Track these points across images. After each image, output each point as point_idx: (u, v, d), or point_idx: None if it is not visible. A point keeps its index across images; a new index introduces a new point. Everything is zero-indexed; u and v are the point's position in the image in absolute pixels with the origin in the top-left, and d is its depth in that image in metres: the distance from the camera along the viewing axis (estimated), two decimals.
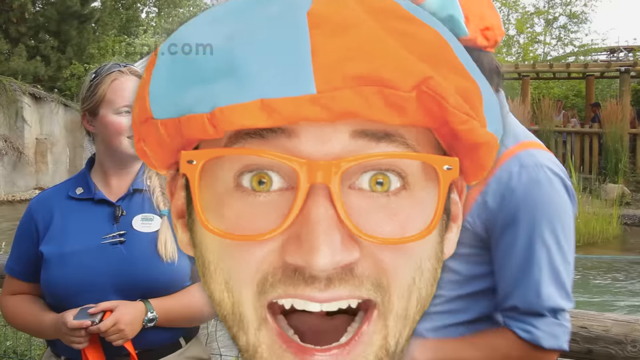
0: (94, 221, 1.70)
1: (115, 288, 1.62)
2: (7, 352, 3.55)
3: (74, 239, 1.67)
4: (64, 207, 1.73)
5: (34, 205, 1.77)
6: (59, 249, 1.66)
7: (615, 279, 8.49)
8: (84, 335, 1.53)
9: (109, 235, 1.67)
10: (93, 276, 1.62)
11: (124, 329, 1.54)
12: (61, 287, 1.63)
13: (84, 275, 1.62)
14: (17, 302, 1.75)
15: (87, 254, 1.65)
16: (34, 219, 1.72)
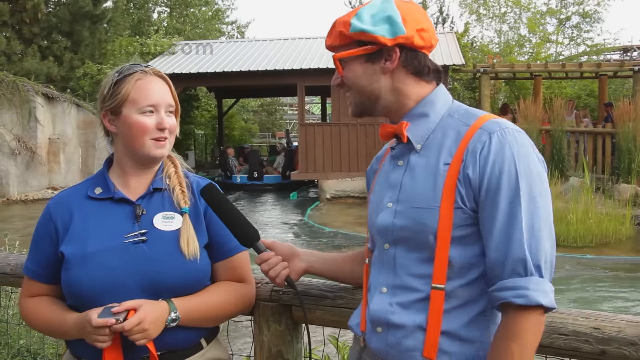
0: (115, 220, 1.68)
1: (138, 287, 1.61)
2: (20, 350, 3.58)
3: (95, 239, 1.65)
4: (84, 207, 1.71)
5: (53, 206, 1.75)
6: (81, 249, 1.64)
7: (630, 280, 8.43)
8: (108, 334, 1.53)
9: (131, 235, 1.66)
10: (116, 276, 1.61)
11: (148, 328, 1.54)
12: (84, 287, 1.61)
13: (107, 275, 1.61)
14: (37, 303, 1.74)
15: (109, 253, 1.63)
16: (53, 220, 1.71)
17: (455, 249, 1.40)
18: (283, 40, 22.15)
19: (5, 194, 16.87)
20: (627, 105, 13.77)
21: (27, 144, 17.30)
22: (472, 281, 1.41)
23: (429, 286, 1.41)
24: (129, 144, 1.71)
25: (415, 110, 1.50)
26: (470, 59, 20.16)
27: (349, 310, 1.81)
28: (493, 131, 1.38)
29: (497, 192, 1.34)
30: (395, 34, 1.44)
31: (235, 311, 1.80)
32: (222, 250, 1.76)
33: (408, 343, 1.43)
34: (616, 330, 1.50)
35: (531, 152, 1.39)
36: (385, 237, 1.50)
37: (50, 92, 18.28)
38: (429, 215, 1.40)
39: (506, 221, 1.33)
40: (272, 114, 37.91)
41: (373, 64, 1.48)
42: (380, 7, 1.47)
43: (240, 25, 36.49)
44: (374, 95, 1.51)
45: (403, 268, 1.46)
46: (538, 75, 17.75)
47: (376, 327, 1.50)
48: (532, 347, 1.32)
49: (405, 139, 1.49)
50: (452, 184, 1.38)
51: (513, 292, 1.31)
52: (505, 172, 1.34)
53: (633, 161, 13.18)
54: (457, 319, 1.40)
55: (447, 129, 1.46)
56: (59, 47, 21.32)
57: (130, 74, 1.70)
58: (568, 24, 29.99)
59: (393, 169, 1.53)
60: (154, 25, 27.78)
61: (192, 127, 27.55)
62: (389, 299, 1.47)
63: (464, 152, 1.39)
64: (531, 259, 1.31)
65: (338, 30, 1.49)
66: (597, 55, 26.38)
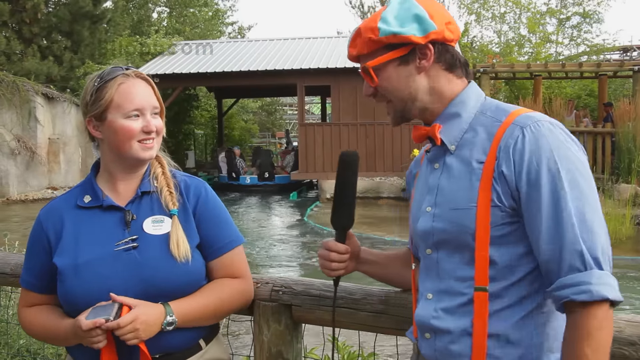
0: (105, 228, 1.68)
1: (133, 294, 1.60)
2: (20, 350, 3.58)
3: (86, 249, 1.65)
4: (74, 217, 1.71)
5: (43, 215, 1.74)
6: (73, 260, 1.64)
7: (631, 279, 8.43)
8: (100, 333, 1.53)
9: (122, 242, 1.65)
10: (110, 284, 1.60)
11: (139, 327, 1.53)
12: (79, 297, 1.61)
13: (101, 283, 1.60)
14: (34, 313, 1.74)
15: (101, 262, 1.63)
16: (44, 230, 1.70)
17: (496, 248, 1.36)
18: (283, 40, 22.14)
19: (5, 194, 16.86)
20: (627, 105, 13.76)
21: (27, 144, 17.30)
22: (518, 281, 1.36)
23: (472, 289, 1.38)
24: (115, 148, 1.69)
25: (448, 111, 1.47)
26: (470, 59, 20.19)
27: (349, 310, 1.82)
28: (525, 125, 1.34)
29: (538, 186, 1.29)
30: (426, 31, 1.42)
31: (233, 308, 1.79)
32: (215, 248, 1.75)
33: (455, 348, 1.39)
34: (616, 330, 1.49)
35: (569, 140, 1.34)
36: (426, 242, 1.47)
37: (50, 92, 18.28)
38: (466, 215, 1.37)
39: (554, 215, 1.28)
40: (272, 114, 37.91)
41: (407, 65, 1.45)
42: (403, 7, 1.44)
43: (241, 27, 36.46)
44: (411, 97, 1.47)
45: (447, 272, 1.43)
46: (538, 75, 17.73)
47: (424, 333, 1.47)
48: (606, 346, 1.25)
49: (439, 141, 1.46)
50: (487, 182, 1.35)
51: (574, 289, 1.25)
52: (543, 164, 1.30)
53: (633, 161, 13.18)
54: (504, 321, 1.36)
55: (479, 127, 1.43)
56: (58, 47, 21.32)
57: (111, 78, 1.67)
58: (568, 24, 30.00)
59: (430, 172, 1.50)
60: (154, 25, 27.75)
61: (192, 127, 27.55)
62: (434, 304, 1.44)
63: (497, 149, 1.36)
64: (588, 252, 1.25)
65: (366, 37, 1.45)
66: (597, 55, 26.38)
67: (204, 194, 1.78)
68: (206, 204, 1.76)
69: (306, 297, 1.89)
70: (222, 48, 21.68)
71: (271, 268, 9.42)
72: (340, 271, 1.66)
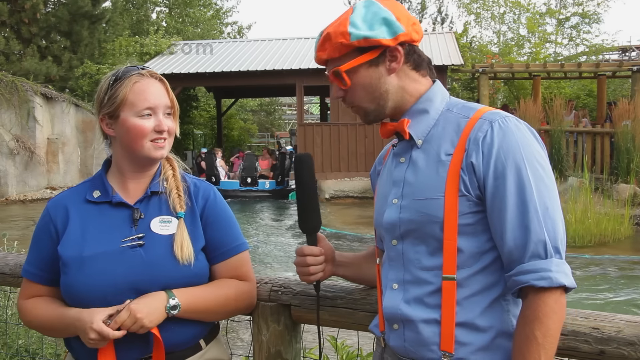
0: (113, 224, 1.68)
1: (135, 291, 1.61)
2: (19, 350, 3.57)
3: (93, 243, 1.66)
4: (82, 210, 1.71)
5: (52, 206, 1.75)
6: (78, 253, 1.65)
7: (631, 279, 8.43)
8: (102, 339, 1.55)
9: (128, 239, 1.66)
10: (113, 280, 1.61)
11: (140, 316, 1.54)
12: (82, 291, 1.62)
13: (104, 279, 1.61)
14: (35, 302, 1.74)
15: (106, 257, 1.64)
16: (53, 220, 1.71)
17: (463, 237, 1.40)
18: (282, 40, 22.14)
19: (4, 194, 16.86)
20: (626, 104, 13.77)
21: (26, 143, 17.29)
22: (483, 269, 1.41)
23: (439, 278, 1.41)
24: (127, 147, 1.70)
25: (416, 107, 1.52)
26: (469, 59, 20.17)
27: (348, 310, 1.81)
28: (494, 120, 1.41)
29: (504, 178, 1.35)
30: (395, 33, 1.47)
31: (237, 307, 1.79)
32: (221, 251, 1.76)
33: (424, 337, 1.42)
34: (615, 330, 1.50)
35: (532, 138, 1.41)
36: (392, 233, 1.51)
37: (49, 92, 18.27)
38: (434, 205, 1.41)
39: (520, 205, 1.34)
40: (271, 114, 37.91)
41: (378, 67, 1.50)
42: (370, 11, 1.49)
43: (241, 26, 36.46)
44: (384, 97, 1.52)
45: (412, 262, 1.46)
46: (537, 75, 17.74)
47: (392, 324, 1.50)
48: (557, 329, 1.32)
49: (407, 135, 1.51)
50: (455, 172, 1.40)
51: (535, 275, 1.31)
52: (510, 157, 1.36)
53: (632, 161, 13.19)
54: (471, 309, 1.40)
55: (446, 122, 1.48)
56: (57, 46, 21.33)
57: (126, 77, 1.69)
58: (567, 24, 29.99)
59: (396, 166, 1.55)
60: (153, 25, 27.73)
61: (191, 127, 27.53)
62: (401, 294, 1.47)
63: (465, 141, 1.41)
64: (550, 241, 1.32)
65: (336, 41, 1.49)
66: (595, 56, 26.39)
67: (212, 197, 1.79)
68: (214, 208, 1.78)
69: (305, 297, 1.89)
70: (222, 48, 21.68)
71: (270, 268, 9.43)
72: (319, 274, 1.70)
